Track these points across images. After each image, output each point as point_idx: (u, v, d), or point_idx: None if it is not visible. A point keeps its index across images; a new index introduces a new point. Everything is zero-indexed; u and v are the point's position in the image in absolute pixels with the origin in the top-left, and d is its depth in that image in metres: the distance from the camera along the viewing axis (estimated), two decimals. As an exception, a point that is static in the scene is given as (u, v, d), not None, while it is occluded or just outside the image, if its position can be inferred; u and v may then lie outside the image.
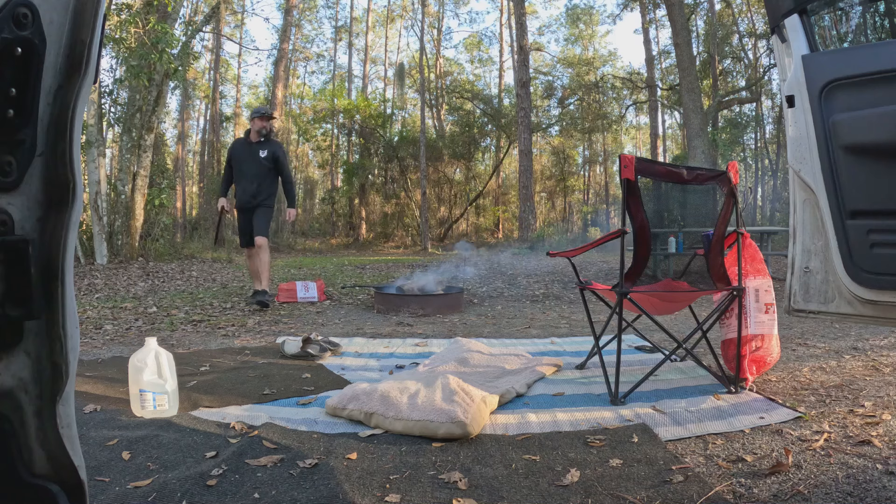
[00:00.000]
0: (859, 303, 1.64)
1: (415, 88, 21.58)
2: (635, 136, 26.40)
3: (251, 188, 4.83)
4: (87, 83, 0.63)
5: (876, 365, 2.69)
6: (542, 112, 21.10)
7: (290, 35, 19.35)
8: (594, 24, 23.93)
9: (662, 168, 2.40)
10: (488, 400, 2.02)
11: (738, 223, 2.36)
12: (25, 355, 0.60)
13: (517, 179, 16.62)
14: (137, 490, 1.41)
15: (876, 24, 2.58)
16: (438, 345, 3.32)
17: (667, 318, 3.90)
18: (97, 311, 4.56)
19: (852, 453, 1.62)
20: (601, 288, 2.53)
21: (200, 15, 16.51)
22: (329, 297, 5.58)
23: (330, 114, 20.08)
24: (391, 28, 25.51)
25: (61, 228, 0.62)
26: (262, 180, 4.84)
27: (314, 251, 15.88)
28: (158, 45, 8.00)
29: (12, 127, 0.56)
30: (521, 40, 14.55)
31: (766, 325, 2.39)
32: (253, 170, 4.84)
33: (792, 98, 1.75)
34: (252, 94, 25.23)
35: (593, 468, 1.55)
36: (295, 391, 2.35)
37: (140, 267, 7.82)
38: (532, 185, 14.73)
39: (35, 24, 0.56)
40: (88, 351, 3.12)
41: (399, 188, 19.62)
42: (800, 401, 2.15)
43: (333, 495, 1.39)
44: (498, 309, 5.10)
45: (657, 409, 2.06)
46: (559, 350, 3.19)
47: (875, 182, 1.54)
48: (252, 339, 3.57)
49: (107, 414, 2.00)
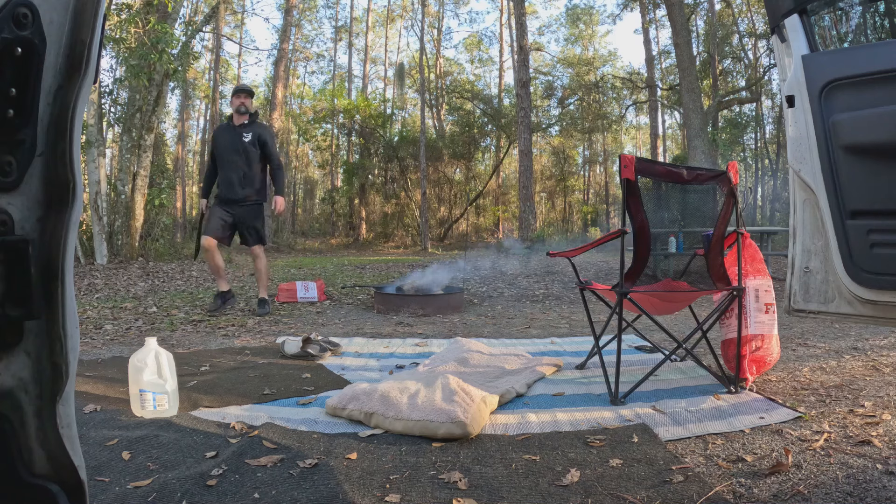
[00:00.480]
0: (859, 303, 1.64)
1: (415, 88, 21.59)
2: (635, 136, 26.41)
3: (235, 177, 4.32)
4: (87, 83, 0.63)
5: (876, 365, 2.69)
6: (542, 112, 21.10)
7: (290, 35, 19.36)
8: (594, 24, 23.96)
9: (662, 168, 2.40)
10: (488, 400, 2.02)
11: (738, 223, 2.36)
12: (25, 355, 0.60)
13: (517, 179, 16.62)
14: (137, 490, 1.41)
15: (876, 24, 2.58)
16: (438, 345, 3.32)
17: (667, 318, 3.90)
18: (97, 311, 4.56)
19: (852, 453, 1.62)
20: (601, 288, 2.53)
21: (200, 15, 16.51)
22: (329, 297, 5.58)
23: (330, 114, 20.09)
24: (391, 28, 25.54)
25: (61, 228, 0.62)
26: (247, 168, 4.33)
27: (314, 251, 15.88)
28: (158, 45, 8.01)
29: (12, 127, 0.56)
30: (521, 40, 14.55)
31: (766, 325, 2.39)
32: (236, 156, 4.32)
33: (792, 98, 1.75)
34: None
35: (593, 468, 1.55)
36: (295, 391, 2.35)
37: (140, 267, 7.82)
38: (532, 185, 14.72)
39: (35, 24, 0.56)
40: (88, 351, 3.12)
41: (399, 188, 19.62)
42: (800, 401, 2.15)
43: (333, 495, 1.39)
44: (498, 309, 5.10)
45: (657, 409, 2.06)
46: (559, 350, 3.19)
47: (875, 182, 1.54)
48: (252, 339, 3.57)
49: (107, 414, 2.00)
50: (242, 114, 4.42)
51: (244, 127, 4.40)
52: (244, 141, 4.33)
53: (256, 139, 4.35)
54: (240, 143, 4.34)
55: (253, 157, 4.34)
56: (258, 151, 4.36)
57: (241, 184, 4.32)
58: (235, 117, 4.44)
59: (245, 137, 4.35)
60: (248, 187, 4.34)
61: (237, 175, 4.32)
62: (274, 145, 4.50)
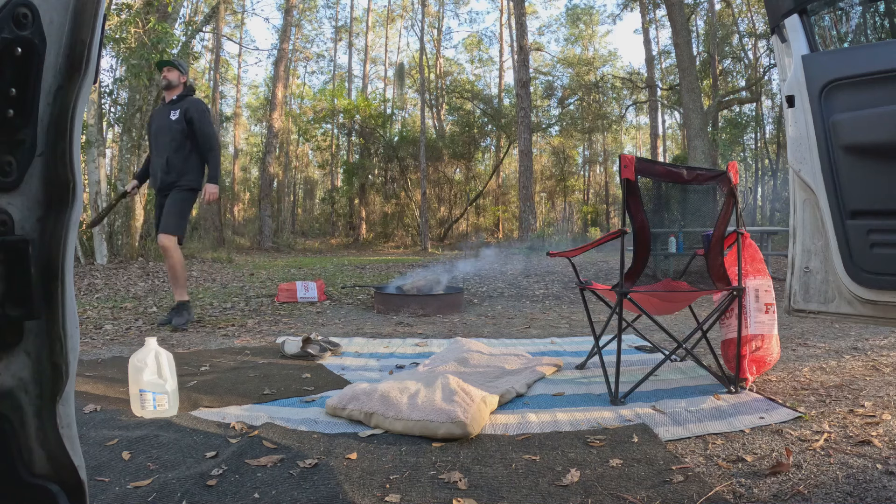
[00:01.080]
0: (859, 303, 1.64)
1: (415, 88, 21.59)
2: (635, 136, 26.41)
3: (160, 162, 3.77)
4: (87, 83, 0.63)
5: (876, 365, 2.69)
6: (542, 112, 21.11)
7: (290, 35, 19.34)
8: (594, 24, 23.97)
9: (662, 168, 2.40)
10: (488, 400, 2.02)
11: (738, 223, 2.36)
12: (25, 355, 0.60)
13: (517, 179, 16.63)
14: (137, 490, 1.41)
15: (876, 24, 2.58)
16: (438, 345, 3.32)
17: (667, 318, 3.90)
18: (97, 311, 4.56)
19: (852, 453, 1.62)
20: (601, 288, 2.53)
21: (200, 15, 16.51)
22: (329, 297, 5.58)
23: (330, 114, 20.09)
24: (391, 28, 25.54)
25: (61, 228, 0.62)
26: (173, 151, 3.75)
27: (314, 251, 15.88)
28: (158, 45, 8.01)
29: (12, 127, 0.56)
30: (521, 40, 14.55)
31: (766, 325, 2.39)
32: (162, 138, 3.77)
33: (792, 98, 1.75)
34: (252, 94, 25.29)
35: (593, 468, 1.55)
36: (295, 391, 2.35)
37: (140, 267, 7.81)
38: (532, 185, 14.73)
39: (35, 24, 0.56)
40: (88, 351, 3.12)
41: (399, 188, 19.63)
42: (800, 401, 2.15)
43: (333, 495, 1.39)
44: (498, 309, 5.10)
45: (657, 409, 2.06)
46: (559, 350, 3.19)
47: (875, 182, 1.54)
48: (252, 339, 3.57)
49: (107, 414, 2.00)
50: (169, 89, 3.89)
51: (173, 104, 3.85)
52: (171, 119, 3.78)
53: (183, 116, 3.76)
54: (166, 122, 3.79)
55: (179, 139, 3.76)
56: (186, 130, 3.77)
57: (165, 169, 3.76)
58: (166, 95, 3.95)
59: (172, 115, 3.78)
60: (172, 172, 3.76)
61: (162, 160, 3.77)
62: (205, 122, 3.84)
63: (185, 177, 3.77)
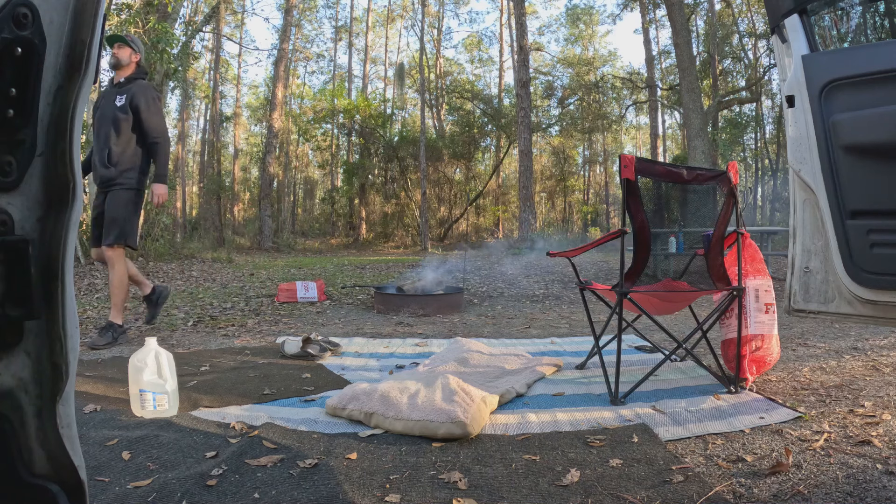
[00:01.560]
0: (859, 303, 1.64)
1: (415, 88, 21.59)
2: (635, 136, 26.41)
3: (101, 154, 3.24)
4: (87, 83, 0.63)
5: (876, 365, 2.69)
6: (542, 112, 21.11)
7: (290, 35, 19.34)
8: (594, 24, 23.98)
9: (662, 168, 2.40)
10: (488, 400, 2.02)
11: (738, 223, 2.36)
12: (25, 355, 0.60)
13: (517, 179, 16.63)
14: (137, 490, 1.41)
15: (876, 24, 2.58)
16: (438, 345, 3.32)
17: (667, 318, 3.90)
18: (97, 311, 4.56)
19: (852, 453, 1.62)
20: (601, 288, 2.53)
21: (200, 15, 16.52)
22: (329, 297, 5.58)
23: (330, 114, 20.10)
24: (391, 28, 25.54)
25: (61, 228, 0.62)
26: (114, 142, 3.21)
27: (314, 251, 15.88)
28: (158, 45, 8.01)
29: (12, 127, 0.56)
30: (521, 40, 14.55)
31: (766, 325, 2.39)
32: (104, 126, 3.24)
33: (792, 98, 1.75)
34: (252, 94, 25.28)
35: (593, 468, 1.55)
36: (295, 391, 2.35)
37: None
38: (532, 185, 14.73)
39: (35, 24, 0.56)
40: (88, 351, 3.11)
41: (399, 188, 19.63)
42: (800, 401, 2.15)
43: (333, 495, 1.39)
44: (498, 309, 5.10)
45: (657, 409, 2.06)
46: (559, 350, 3.19)
47: (875, 182, 1.54)
48: (252, 339, 3.57)
49: (107, 414, 2.00)
50: (118, 68, 3.35)
51: (120, 87, 3.30)
52: (115, 105, 3.23)
53: (129, 103, 3.22)
54: (110, 108, 3.25)
55: (122, 128, 3.21)
56: (130, 119, 3.22)
57: (105, 162, 3.22)
58: (115, 76, 3.39)
59: (117, 101, 3.24)
60: (111, 167, 3.22)
61: (102, 152, 3.24)
62: (153, 111, 3.28)
63: (125, 174, 3.24)
